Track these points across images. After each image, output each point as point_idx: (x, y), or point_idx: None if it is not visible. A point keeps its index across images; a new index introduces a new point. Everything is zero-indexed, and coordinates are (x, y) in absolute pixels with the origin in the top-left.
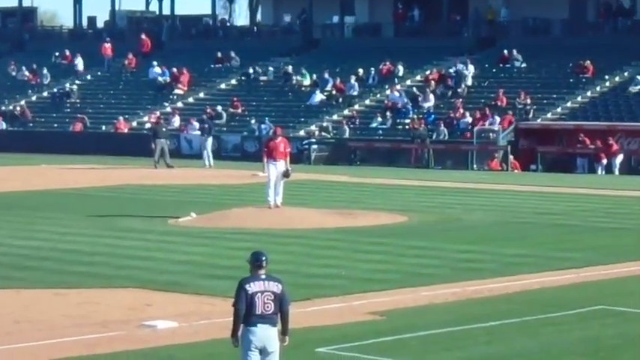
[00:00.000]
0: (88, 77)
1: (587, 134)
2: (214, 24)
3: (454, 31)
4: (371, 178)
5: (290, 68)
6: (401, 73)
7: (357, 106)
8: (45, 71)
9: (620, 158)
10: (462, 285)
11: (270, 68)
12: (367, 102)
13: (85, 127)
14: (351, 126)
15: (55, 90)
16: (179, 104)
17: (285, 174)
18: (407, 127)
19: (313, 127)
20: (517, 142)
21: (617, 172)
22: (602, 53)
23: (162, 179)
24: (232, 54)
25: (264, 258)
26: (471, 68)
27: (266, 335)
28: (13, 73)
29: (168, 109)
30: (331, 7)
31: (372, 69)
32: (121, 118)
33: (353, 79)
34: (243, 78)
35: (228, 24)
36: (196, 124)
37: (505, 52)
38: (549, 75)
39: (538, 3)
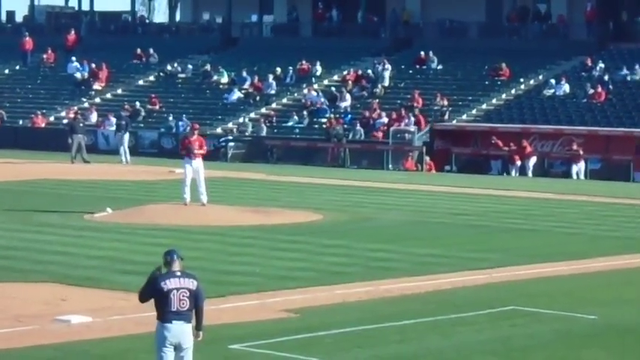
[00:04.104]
0: (6, 71)
1: (501, 136)
2: (133, 20)
3: (371, 32)
4: (287, 177)
5: (208, 66)
6: (318, 73)
7: (274, 105)
8: None
9: (533, 160)
10: (375, 284)
11: (189, 66)
12: (284, 101)
13: (2, 122)
14: (268, 124)
15: None
16: (97, 100)
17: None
18: (324, 126)
19: (230, 125)
20: (432, 143)
21: (530, 174)
22: (517, 56)
23: (78, 174)
24: (151, 51)
25: (176, 256)
26: (388, 69)
27: (181, 331)
28: None
29: (86, 105)
30: (250, 6)
31: (290, 68)
32: (38, 112)
33: (271, 77)
34: (161, 75)
35: (147, 21)
36: (113, 120)
37: (422, 53)
38: (465, 77)
39: (454, 5)
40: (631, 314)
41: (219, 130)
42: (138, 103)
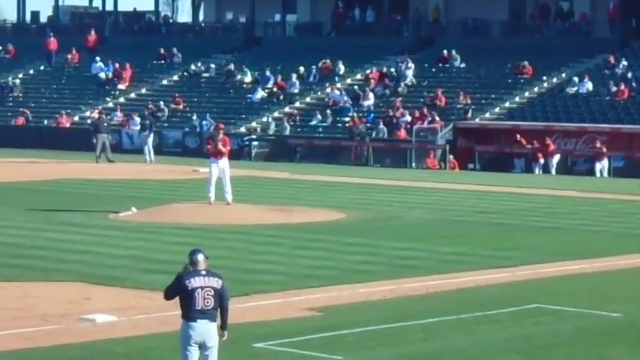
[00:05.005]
0: (31, 72)
1: (524, 134)
2: (157, 20)
3: (394, 31)
4: (311, 175)
5: (232, 65)
6: (341, 72)
7: (297, 104)
8: None
9: (557, 158)
10: (399, 282)
11: (212, 65)
12: (308, 99)
13: (27, 122)
14: (292, 123)
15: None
16: (121, 99)
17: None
18: (347, 125)
19: (254, 124)
20: (455, 142)
21: (553, 171)
22: (540, 55)
23: (103, 174)
24: (175, 50)
25: (201, 255)
26: (411, 67)
27: (205, 330)
28: None
29: (111, 105)
30: (273, 6)
31: (313, 67)
32: (63, 112)
33: (294, 76)
34: (185, 74)
35: (170, 20)
36: (138, 119)
37: (444, 52)
38: (488, 75)
39: (477, 4)
40: None
41: (242, 130)
42: (162, 103)
